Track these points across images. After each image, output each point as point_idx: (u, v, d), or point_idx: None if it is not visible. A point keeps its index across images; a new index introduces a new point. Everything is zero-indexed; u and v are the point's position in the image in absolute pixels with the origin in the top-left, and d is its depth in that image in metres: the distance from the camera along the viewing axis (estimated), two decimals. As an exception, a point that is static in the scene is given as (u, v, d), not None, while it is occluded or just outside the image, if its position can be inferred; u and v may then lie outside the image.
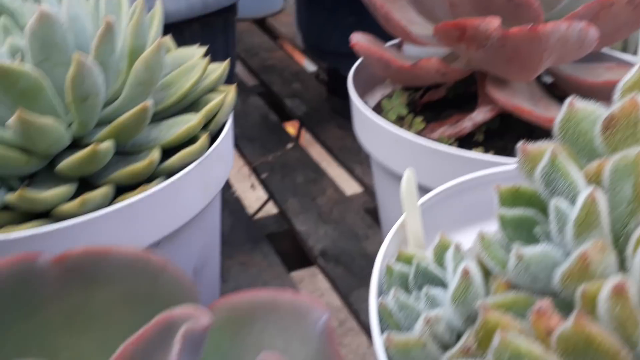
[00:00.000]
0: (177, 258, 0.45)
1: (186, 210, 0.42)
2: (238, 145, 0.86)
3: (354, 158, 0.81)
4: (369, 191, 0.77)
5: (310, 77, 1.00)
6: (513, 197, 0.29)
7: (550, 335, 0.21)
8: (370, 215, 0.73)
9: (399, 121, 0.50)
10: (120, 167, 0.40)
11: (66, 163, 0.38)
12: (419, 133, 0.48)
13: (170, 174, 0.41)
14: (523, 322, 0.23)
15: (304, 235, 0.69)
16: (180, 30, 0.67)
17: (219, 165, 0.45)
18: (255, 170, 0.81)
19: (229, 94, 0.46)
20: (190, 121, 0.41)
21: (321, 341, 0.22)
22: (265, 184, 0.79)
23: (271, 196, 0.77)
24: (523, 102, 0.43)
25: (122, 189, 0.40)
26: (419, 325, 0.28)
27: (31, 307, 0.21)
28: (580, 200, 0.23)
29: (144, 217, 0.39)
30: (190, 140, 0.42)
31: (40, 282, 0.21)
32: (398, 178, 0.48)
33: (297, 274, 0.73)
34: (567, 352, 0.20)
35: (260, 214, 0.78)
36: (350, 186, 0.80)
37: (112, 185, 0.39)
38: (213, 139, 0.44)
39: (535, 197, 0.29)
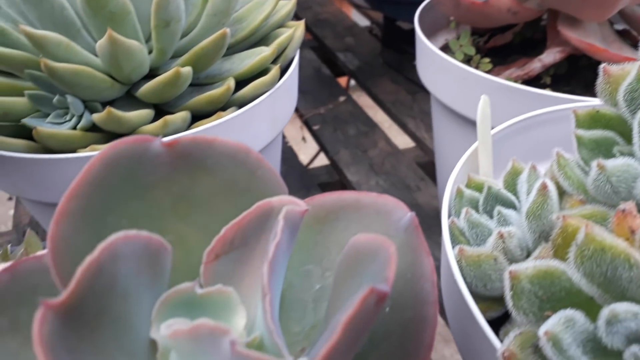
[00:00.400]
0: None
1: (256, 142, 0.44)
2: (291, 97, 0.87)
3: (407, 112, 0.81)
4: (421, 145, 0.77)
5: (363, 31, 1.00)
6: (591, 119, 0.30)
7: (633, 234, 0.22)
8: (422, 168, 0.74)
9: (466, 62, 0.50)
10: (195, 96, 0.42)
11: (148, 86, 0.40)
12: (488, 72, 0.49)
13: (241, 104, 0.43)
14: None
15: (355, 185, 0.70)
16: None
17: (286, 99, 0.46)
18: (307, 123, 0.83)
19: (298, 29, 0.47)
20: (263, 52, 0.43)
21: (407, 235, 0.23)
22: (316, 135, 0.80)
23: (322, 148, 0.79)
24: (596, 42, 0.42)
25: (197, 118, 0.42)
26: (491, 240, 0.29)
27: (144, 188, 0.23)
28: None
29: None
30: (261, 72, 0.44)
31: (153, 164, 0.23)
32: (460, 118, 0.49)
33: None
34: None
35: (312, 165, 0.80)
36: (402, 140, 0.81)
37: (189, 112, 0.41)
38: (281, 74, 0.46)
39: (614, 119, 0.29)
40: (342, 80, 0.96)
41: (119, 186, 0.22)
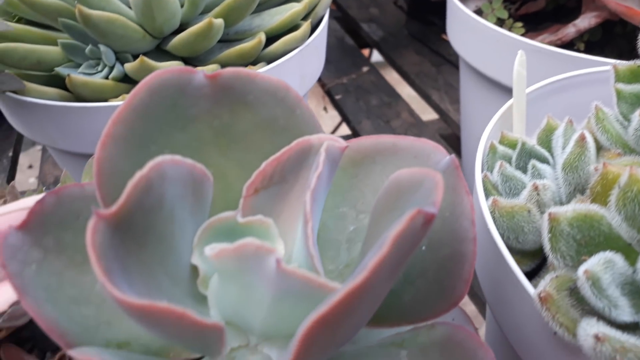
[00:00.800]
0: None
1: (284, 98, 0.44)
2: (314, 66, 0.87)
3: (431, 84, 0.81)
4: (445, 117, 0.77)
5: (388, 2, 0.99)
6: (631, 74, 0.29)
7: (678, 178, 0.21)
8: (445, 140, 0.73)
9: (498, 26, 0.50)
10: (225, 51, 0.42)
11: (180, 38, 0.40)
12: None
13: (271, 60, 0.43)
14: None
15: (377, 154, 0.70)
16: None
17: (315, 57, 0.46)
18: (329, 93, 0.82)
19: (329, -12, 0.47)
20: (294, 8, 0.43)
21: (446, 176, 0.23)
22: (338, 105, 0.80)
23: (344, 118, 0.78)
24: (634, 5, 0.42)
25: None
26: (525, 192, 0.29)
27: (186, 119, 0.23)
28: None
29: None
30: (292, 29, 0.44)
31: (196, 96, 0.23)
32: (490, 83, 0.48)
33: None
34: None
35: (328, 131, 0.80)
36: (426, 112, 0.80)
37: (219, 66, 0.41)
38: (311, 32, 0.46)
39: (657, 74, 0.29)
40: (364, 53, 0.95)
41: (163, 115, 0.23)
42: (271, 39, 0.43)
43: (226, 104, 0.24)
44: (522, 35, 0.49)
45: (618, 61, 0.36)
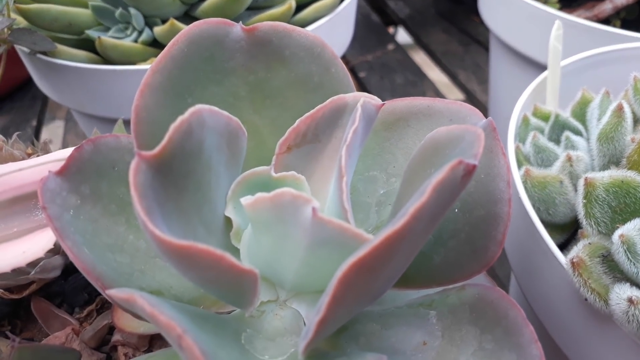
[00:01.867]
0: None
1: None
2: (338, 43, 0.86)
3: (458, 64, 0.80)
4: (471, 98, 0.76)
5: (416, -19, 0.98)
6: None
7: None
8: (469, 120, 0.73)
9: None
10: (255, 17, 0.42)
11: (209, 3, 0.40)
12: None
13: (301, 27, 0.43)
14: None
15: (400, 133, 0.70)
16: None
17: (344, 27, 0.46)
18: (354, 70, 0.82)
19: (360, -42, 0.47)
20: (325, -24, 0.43)
21: (491, 145, 0.23)
22: (362, 83, 0.79)
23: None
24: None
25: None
26: (558, 164, 0.29)
27: (222, 72, 0.23)
28: None
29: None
30: (322, -2, 0.44)
31: (232, 49, 0.23)
32: (521, 58, 0.48)
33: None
34: None
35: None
36: (451, 92, 0.80)
37: (247, 32, 0.42)
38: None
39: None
40: (390, 31, 0.94)
41: (200, 66, 0.23)
42: (301, 6, 0.43)
43: (262, 59, 0.24)
44: (560, 8, 0.48)
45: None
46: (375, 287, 0.18)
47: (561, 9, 0.49)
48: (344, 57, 0.84)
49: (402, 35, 0.93)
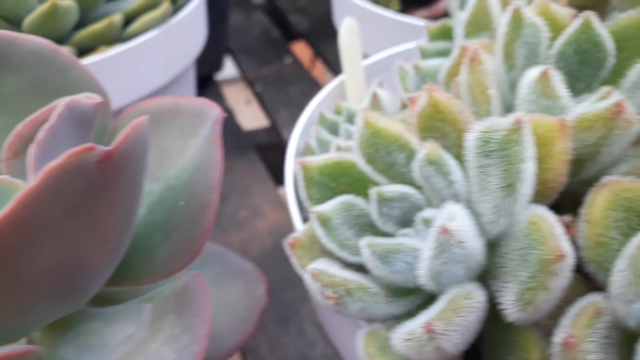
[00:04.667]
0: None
1: (147, 81, 0.45)
2: (237, 59, 0.88)
3: (353, 72, 0.82)
4: (365, 105, 0.78)
5: (318, -7, 1.01)
6: (440, 33, 0.31)
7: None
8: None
9: (375, 2, 0.51)
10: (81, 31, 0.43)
11: (30, 20, 0.41)
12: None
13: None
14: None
15: (293, 145, 0.71)
16: None
17: (185, 37, 0.47)
18: (252, 84, 0.84)
19: (198, -31, 0.48)
20: (152, -12, 0.44)
21: (210, 131, 0.24)
22: (259, 97, 0.81)
23: (265, 109, 0.80)
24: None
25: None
26: (331, 152, 0.30)
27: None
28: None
29: (103, 80, 0.42)
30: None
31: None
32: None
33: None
34: (424, 127, 0.21)
35: (253, 126, 0.81)
36: (347, 101, 0.82)
37: (74, 48, 0.42)
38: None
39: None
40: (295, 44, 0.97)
41: None
42: (132, 19, 0.45)
43: (-14, 68, 0.25)
44: (400, 10, 0.50)
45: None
46: (33, 282, 0.19)
47: (406, 8, 0.51)
48: (243, 73, 0.86)
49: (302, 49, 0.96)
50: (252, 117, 0.89)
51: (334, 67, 0.85)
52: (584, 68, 0.21)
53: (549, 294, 0.16)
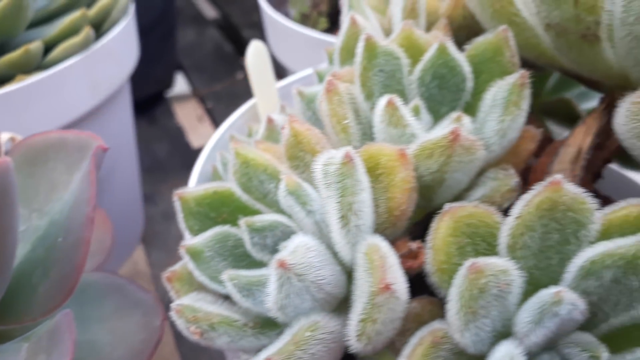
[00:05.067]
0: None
1: (72, 107, 0.45)
2: (188, 76, 0.88)
3: (304, 86, 0.83)
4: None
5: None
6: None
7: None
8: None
9: (304, 20, 0.52)
10: None
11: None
12: (326, 31, 0.50)
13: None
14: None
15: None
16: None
17: (110, 62, 0.47)
18: (203, 100, 0.84)
19: (124, -8, 0.48)
20: (73, 14, 0.44)
21: (84, 165, 0.25)
22: (211, 113, 0.81)
23: (216, 125, 0.80)
24: None
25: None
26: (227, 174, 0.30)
27: None
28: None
29: (23, 109, 0.42)
30: (78, 36, 0.45)
31: None
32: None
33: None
34: (291, 157, 0.22)
35: (203, 143, 0.81)
36: (298, 114, 0.82)
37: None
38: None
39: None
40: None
41: None
42: (52, 46, 0.44)
43: None
44: (329, 28, 0.51)
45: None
46: None
47: (333, 26, 0.52)
48: (195, 90, 0.86)
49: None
50: (204, 133, 0.89)
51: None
52: (444, 92, 0.21)
53: (380, 325, 0.16)
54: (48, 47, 0.44)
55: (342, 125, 0.20)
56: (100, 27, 0.48)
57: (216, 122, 0.80)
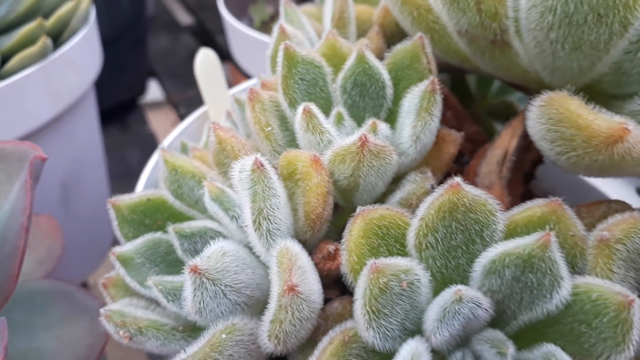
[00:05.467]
0: (35, 167, 0.48)
1: (31, 117, 0.45)
2: (162, 82, 0.88)
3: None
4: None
5: (245, 13, 1.02)
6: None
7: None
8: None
9: (265, 27, 0.52)
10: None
11: None
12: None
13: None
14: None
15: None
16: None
17: (70, 71, 0.47)
18: (176, 107, 0.84)
19: (83, 1, 0.49)
20: (30, 24, 0.44)
21: (23, 180, 0.25)
22: (184, 119, 0.81)
23: (190, 131, 0.80)
24: None
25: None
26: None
27: None
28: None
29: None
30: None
31: None
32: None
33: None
34: (218, 163, 0.22)
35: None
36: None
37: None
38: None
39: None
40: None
41: None
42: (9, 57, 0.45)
43: None
44: (289, 34, 0.51)
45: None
46: None
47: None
48: (168, 96, 0.86)
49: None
50: (177, 139, 0.89)
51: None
52: (366, 100, 0.22)
53: (288, 325, 0.17)
54: (5, 58, 0.44)
55: (266, 132, 0.21)
56: (59, 36, 0.48)
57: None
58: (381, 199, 0.21)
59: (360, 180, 0.19)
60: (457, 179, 0.17)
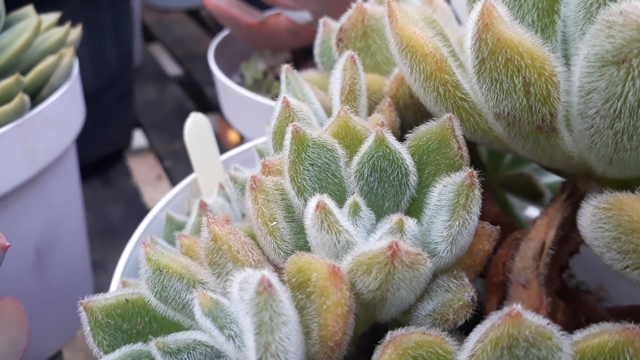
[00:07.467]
0: (7, 231, 0.43)
1: (5, 178, 0.41)
2: (147, 134, 0.85)
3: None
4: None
5: (234, 65, 1.00)
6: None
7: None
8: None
9: (257, 85, 0.49)
10: None
11: None
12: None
13: (-14, 137, 0.40)
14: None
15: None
16: (57, 4, 0.66)
17: (49, 129, 0.44)
18: (161, 159, 0.80)
19: (66, 56, 0.45)
20: (7, 80, 0.40)
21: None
22: (169, 172, 0.77)
23: (173, 184, 0.76)
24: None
25: None
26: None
27: None
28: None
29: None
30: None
31: None
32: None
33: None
34: (212, 262, 0.18)
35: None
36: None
37: None
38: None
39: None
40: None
41: None
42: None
43: None
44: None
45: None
46: None
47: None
48: (153, 149, 0.82)
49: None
50: (162, 194, 0.85)
51: (245, 138, 0.83)
52: (386, 187, 0.18)
53: None
54: (-21, 116, 0.40)
55: (270, 228, 0.17)
56: (38, 92, 0.44)
57: (174, 181, 0.76)
58: (408, 310, 0.17)
59: (389, 294, 0.15)
60: (518, 307, 0.13)
